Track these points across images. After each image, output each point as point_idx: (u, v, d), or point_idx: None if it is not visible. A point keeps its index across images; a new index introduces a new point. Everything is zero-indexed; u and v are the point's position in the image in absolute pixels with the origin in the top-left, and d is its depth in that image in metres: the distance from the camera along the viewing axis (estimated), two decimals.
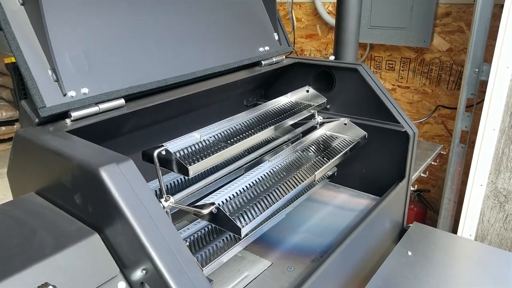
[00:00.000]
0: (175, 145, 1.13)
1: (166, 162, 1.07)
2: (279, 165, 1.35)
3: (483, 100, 2.06)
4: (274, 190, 1.21)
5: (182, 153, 1.12)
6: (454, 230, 2.49)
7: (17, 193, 1.13)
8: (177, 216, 1.40)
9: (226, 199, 1.14)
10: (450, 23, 2.74)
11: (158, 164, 1.06)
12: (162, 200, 1.07)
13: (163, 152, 1.06)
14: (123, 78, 1.21)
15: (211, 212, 1.05)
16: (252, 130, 1.31)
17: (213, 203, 1.06)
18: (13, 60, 4.55)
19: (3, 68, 4.91)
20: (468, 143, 2.38)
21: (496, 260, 1.51)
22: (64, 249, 0.82)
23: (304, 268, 1.31)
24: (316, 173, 1.29)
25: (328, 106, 1.75)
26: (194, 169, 1.05)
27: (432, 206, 3.05)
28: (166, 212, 1.07)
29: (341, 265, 1.29)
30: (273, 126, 1.33)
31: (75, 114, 1.09)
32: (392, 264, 1.47)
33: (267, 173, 1.30)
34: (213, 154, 1.13)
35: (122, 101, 1.19)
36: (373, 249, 1.54)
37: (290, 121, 1.42)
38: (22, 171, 1.11)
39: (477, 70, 2.19)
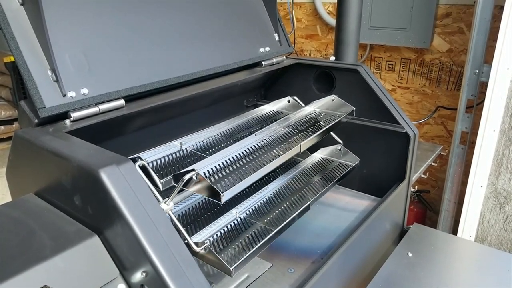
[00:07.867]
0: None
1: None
2: (265, 140, 1.27)
3: (483, 101, 2.06)
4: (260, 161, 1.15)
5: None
6: (454, 231, 2.49)
7: (16, 194, 1.12)
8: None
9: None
10: (450, 24, 2.73)
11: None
12: (162, 202, 1.06)
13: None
14: (123, 78, 1.20)
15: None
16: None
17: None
18: (12, 59, 4.54)
19: (2, 67, 4.91)
20: (468, 144, 2.38)
21: (496, 261, 1.51)
22: (63, 251, 0.82)
23: (304, 270, 1.31)
24: (301, 143, 1.22)
25: None
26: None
27: (432, 207, 3.05)
28: (166, 214, 1.07)
29: (341, 267, 1.29)
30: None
31: (74, 115, 1.09)
32: (393, 266, 1.46)
33: (252, 146, 1.23)
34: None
35: (122, 101, 1.18)
36: (374, 251, 1.53)
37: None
38: (21, 172, 1.10)
39: (477, 71, 2.19)
